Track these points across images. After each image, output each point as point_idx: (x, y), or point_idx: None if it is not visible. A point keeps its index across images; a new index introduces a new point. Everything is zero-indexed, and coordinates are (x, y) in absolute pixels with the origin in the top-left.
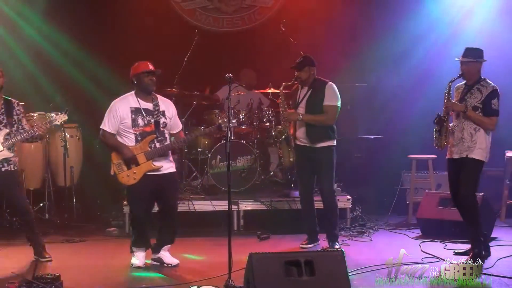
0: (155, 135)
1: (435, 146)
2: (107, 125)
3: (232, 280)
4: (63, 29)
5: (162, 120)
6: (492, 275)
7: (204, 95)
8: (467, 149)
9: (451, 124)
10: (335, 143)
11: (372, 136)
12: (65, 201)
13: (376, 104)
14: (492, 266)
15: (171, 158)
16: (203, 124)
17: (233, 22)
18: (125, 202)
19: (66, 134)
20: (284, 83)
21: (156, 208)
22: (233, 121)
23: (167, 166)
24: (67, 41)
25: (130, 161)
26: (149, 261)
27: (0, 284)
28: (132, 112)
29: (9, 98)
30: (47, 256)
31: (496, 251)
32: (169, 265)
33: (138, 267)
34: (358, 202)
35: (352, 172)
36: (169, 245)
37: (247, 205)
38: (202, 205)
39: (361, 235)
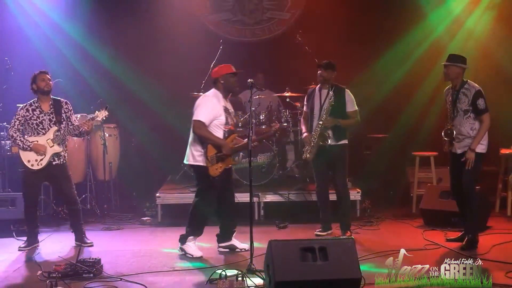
0: (236, 134)
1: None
2: (205, 117)
3: (253, 264)
4: (104, 40)
5: (236, 119)
6: (488, 260)
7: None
8: (468, 145)
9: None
10: (347, 141)
11: (379, 135)
12: (105, 193)
13: (384, 106)
14: (488, 252)
15: None
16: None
17: (254, 33)
18: (157, 194)
19: (105, 133)
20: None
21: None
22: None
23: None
24: (106, 51)
25: (227, 157)
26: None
27: (48, 266)
28: (224, 110)
29: (58, 98)
30: (88, 241)
31: (491, 238)
32: (243, 250)
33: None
34: (367, 195)
35: (362, 168)
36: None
37: (267, 197)
38: None
39: (369, 224)
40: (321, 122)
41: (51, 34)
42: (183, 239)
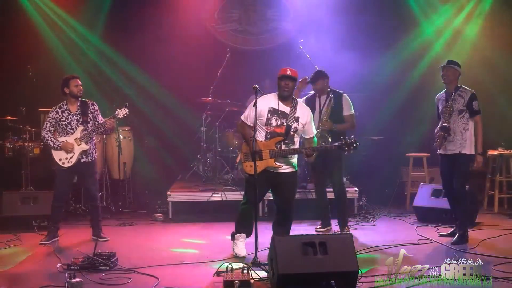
0: (283, 138)
1: (436, 146)
2: (246, 117)
3: (258, 258)
4: (117, 49)
5: (294, 125)
6: (477, 254)
7: (234, 103)
8: (459, 146)
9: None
10: None
11: (376, 137)
12: (119, 191)
13: (379, 110)
14: (476, 246)
15: (293, 160)
16: (234, 127)
17: (259, 42)
18: (168, 192)
19: (120, 136)
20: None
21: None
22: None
23: (287, 167)
24: (121, 60)
25: (255, 154)
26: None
27: (67, 259)
28: (269, 111)
29: (85, 100)
30: (104, 236)
31: (480, 233)
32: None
33: (244, 257)
34: (364, 193)
35: (359, 168)
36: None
37: (270, 195)
38: (233, 195)
39: (366, 220)
40: (321, 124)
41: (69, 44)
42: (233, 237)
